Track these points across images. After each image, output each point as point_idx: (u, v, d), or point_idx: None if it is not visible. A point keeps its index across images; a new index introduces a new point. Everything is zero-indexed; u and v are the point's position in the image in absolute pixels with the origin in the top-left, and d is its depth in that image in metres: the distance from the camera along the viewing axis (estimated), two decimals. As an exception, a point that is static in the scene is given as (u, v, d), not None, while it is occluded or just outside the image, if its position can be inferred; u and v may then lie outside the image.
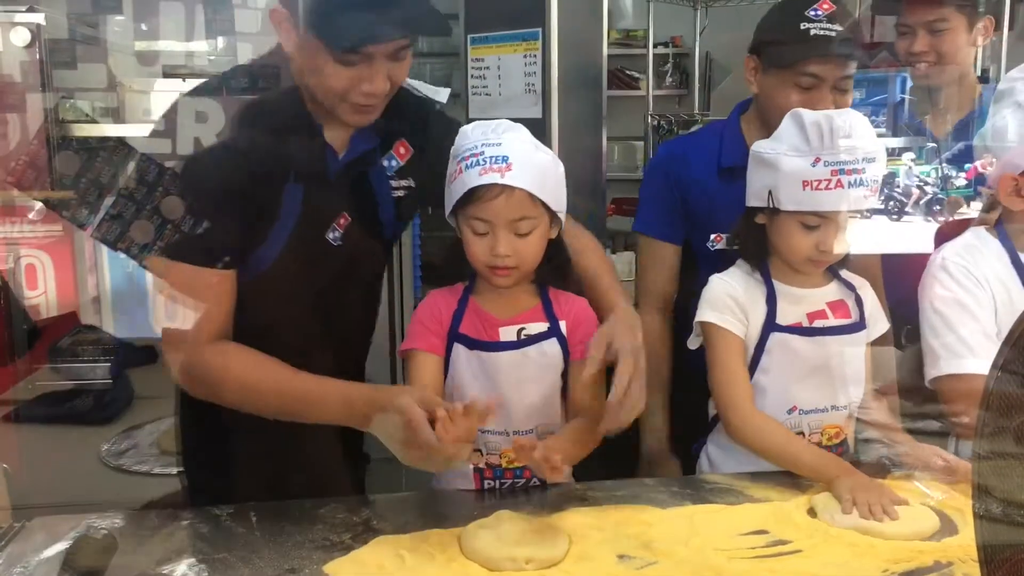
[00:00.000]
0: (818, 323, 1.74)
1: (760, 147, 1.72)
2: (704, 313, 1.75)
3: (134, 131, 2.89)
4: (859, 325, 1.75)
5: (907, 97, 2.59)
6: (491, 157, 1.53)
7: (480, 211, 1.55)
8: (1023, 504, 0.99)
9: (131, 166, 2.82)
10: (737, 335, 1.73)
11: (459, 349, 1.62)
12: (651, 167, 2.40)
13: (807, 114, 1.66)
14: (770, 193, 1.69)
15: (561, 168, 1.61)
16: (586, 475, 1.62)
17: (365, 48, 1.50)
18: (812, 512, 1.53)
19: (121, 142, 2.87)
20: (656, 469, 2.00)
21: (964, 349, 1.71)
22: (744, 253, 1.79)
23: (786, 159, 1.66)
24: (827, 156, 1.63)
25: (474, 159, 1.54)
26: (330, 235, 1.66)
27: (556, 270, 1.65)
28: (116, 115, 2.95)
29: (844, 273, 1.78)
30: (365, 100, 1.56)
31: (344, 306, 1.73)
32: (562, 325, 1.63)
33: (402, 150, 1.74)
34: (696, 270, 2.02)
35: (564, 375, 1.63)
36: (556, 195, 1.60)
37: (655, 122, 3.79)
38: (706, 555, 1.38)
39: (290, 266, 1.62)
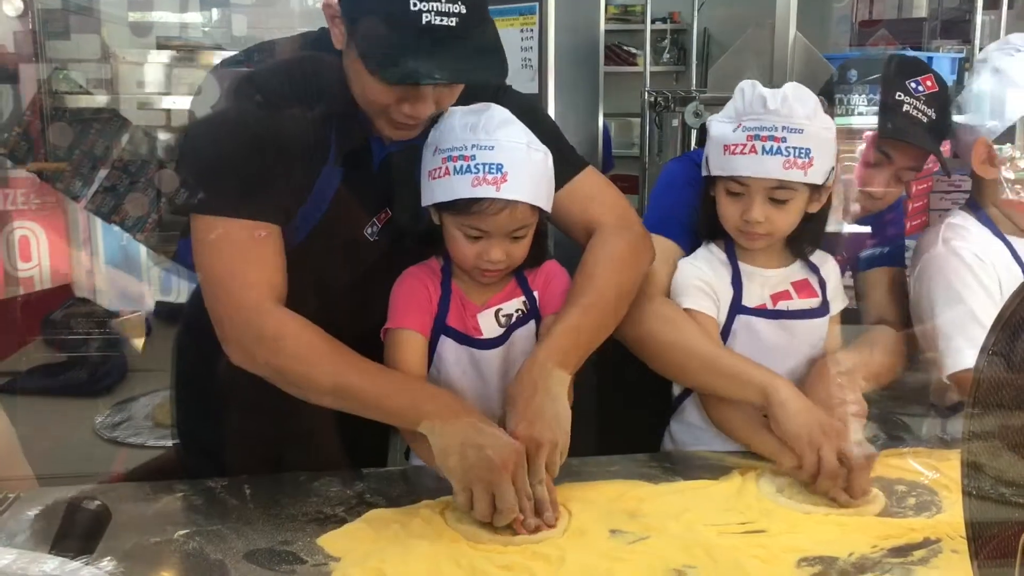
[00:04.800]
0: (782, 304, 1.73)
1: (710, 117, 1.73)
2: (678, 301, 1.74)
3: (127, 102, 2.88)
4: (822, 309, 1.74)
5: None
6: (484, 165, 1.44)
7: (478, 222, 1.48)
8: (1011, 482, 0.99)
9: (125, 137, 2.82)
10: (711, 316, 1.72)
11: (447, 342, 1.59)
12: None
13: (743, 82, 1.67)
14: (707, 160, 1.71)
15: (550, 160, 1.53)
16: (579, 450, 1.63)
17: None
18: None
19: (115, 114, 2.87)
20: None
21: None
22: (700, 229, 1.77)
23: (715, 124, 1.69)
24: (746, 121, 1.63)
25: (464, 163, 1.44)
26: (368, 230, 1.60)
27: (534, 257, 1.59)
28: (110, 86, 2.93)
29: (811, 253, 1.76)
30: (406, 120, 1.47)
31: (375, 304, 1.61)
32: (536, 295, 1.61)
33: None
34: None
35: None
36: (548, 194, 1.54)
37: (652, 98, 3.76)
38: (697, 530, 1.39)
39: (316, 255, 1.55)
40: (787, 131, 1.60)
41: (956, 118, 1.90)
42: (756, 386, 1.60)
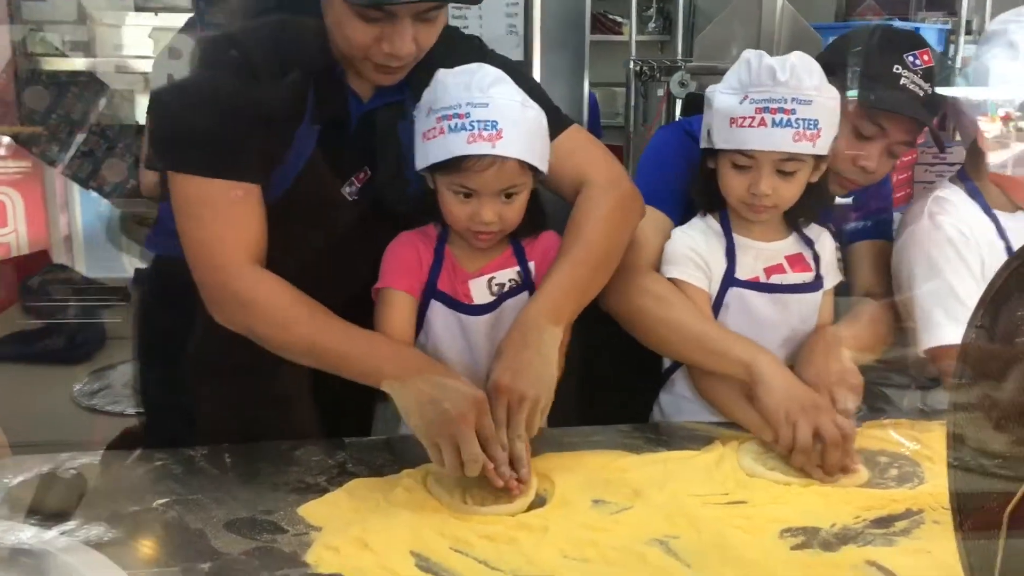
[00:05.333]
0: (775, 278, 1.72)
1: (710, 87, 1.70)
2: (667, 270, 1.72)
3: (105, 65, 2.84)
4: (816, 284, 1.73)
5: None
6: (479, 122, 1.43)
7: (466, 180, 1.47)
8: (996, 454, 0.99)
9: (103, 101, 2.78)
10: (702, 288, 1.71)
11: (436, 307, 1.58)
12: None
13: (748, 52, 1.64)
14: (708, 132, 1.68)
15: (544, 119, 1.53)
16: (568, 420, 1.62)
17: (386, 6, 1.38)
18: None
19: (92, 77, 2.83)
20: None
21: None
22: (698, 200, 1.75)
23: (719, 96, 1.66)
24: (753, 93, 1.60)
25: (459, 121, 1.43)
26: (346, 189, 1.58)
27: (531, 224, 1.58)
28: (87, 49, 2.88)
29: (806, 226, 1.75)
30: (386, 61, 1.45)
31: (355, 266, 1.61)
32: (531, 267, 1.60)
33: None
34: None
35: None
36: (543, 153, 1.53)
37: (637, 68, 3.73)
38: (680, 500, 1.39)
39: (293, 214, 1.52)
40: (796, 103, 1.58)
41: (960, 90, 1.88)
42: (740, 362, 1.60)
